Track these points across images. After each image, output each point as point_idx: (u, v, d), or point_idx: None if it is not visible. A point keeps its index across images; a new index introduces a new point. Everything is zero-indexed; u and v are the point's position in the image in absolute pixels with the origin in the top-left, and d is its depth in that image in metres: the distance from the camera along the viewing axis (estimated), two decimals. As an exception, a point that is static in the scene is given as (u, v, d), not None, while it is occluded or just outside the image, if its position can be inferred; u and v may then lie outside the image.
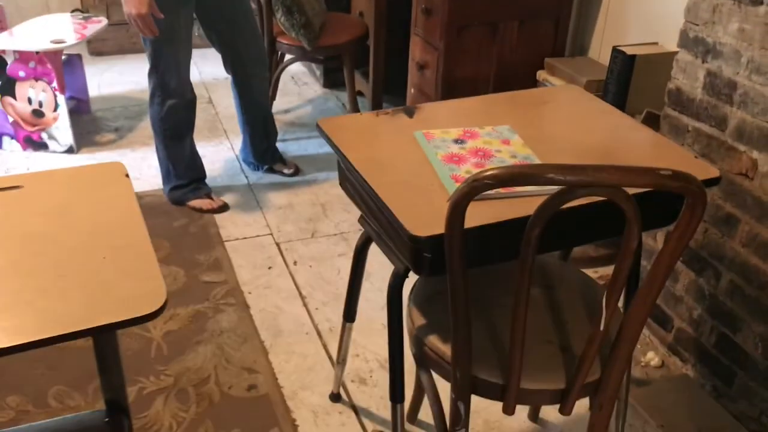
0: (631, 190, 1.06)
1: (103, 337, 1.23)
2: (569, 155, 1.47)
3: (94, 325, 1.03)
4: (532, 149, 1.47)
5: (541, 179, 1.03)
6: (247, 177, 2.99)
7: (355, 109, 3.36)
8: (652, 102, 2.34)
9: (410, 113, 1.62)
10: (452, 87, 2.81)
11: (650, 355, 2.12)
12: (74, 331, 1.02)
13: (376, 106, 3.51)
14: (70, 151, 3.11)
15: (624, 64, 2.42)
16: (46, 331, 1.01)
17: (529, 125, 1.58)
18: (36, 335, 1.00)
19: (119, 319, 1.04)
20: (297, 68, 3.97)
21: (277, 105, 3.48)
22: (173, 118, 2.59)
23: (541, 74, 2.79)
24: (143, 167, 2.99)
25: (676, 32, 1.95)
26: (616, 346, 1.25)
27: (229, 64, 2.75)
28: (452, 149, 1.45)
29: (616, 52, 2.43)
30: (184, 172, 2.71)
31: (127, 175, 1.35)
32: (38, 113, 3.06)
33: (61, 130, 3.08)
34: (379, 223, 1.40)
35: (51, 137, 3.10)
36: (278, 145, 3.02)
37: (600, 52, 2.83)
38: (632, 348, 1.28)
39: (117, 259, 1.14)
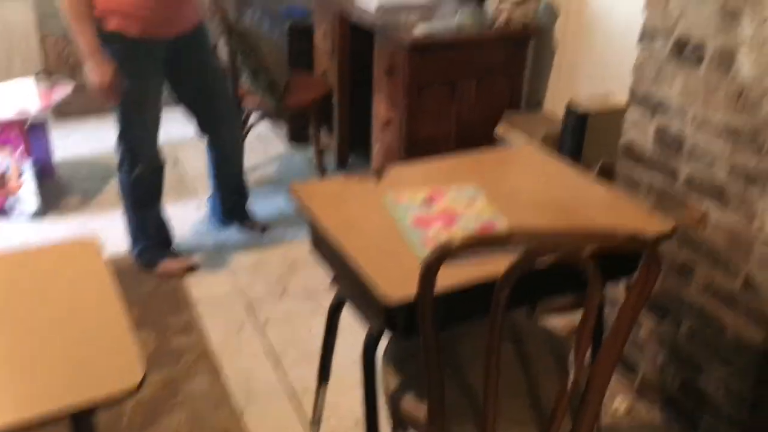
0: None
1: (81, 418, 1.23)
2: (532, 214, 1.54)
3: (73, 407, 1.03)
4: (497, 209, 1.54)
5: (507, 245, 1.09)
6: (215, 236, 3.00)
7: (321, 165, 3.42)
8: (606, 153, 2.44)
9: (379, 176, 1.68)
10: (415, 143, 2.90)
11: (618, 400, 2.17)
12: (52, 413, 1.02)
13: (341, 161, 3.58)
14: (36, 216, 3.10)
15: (577, 119, 2.53)
16: (24, 413, 1.01)
17: (493, 185, 1.65)
18: (13, 418, 1.00)
19: (97, 399, 1.05)
20: (262, 124, 4.03)
21: (244, 162, 3.51)
22: (142, 184, 2.61)
23: (500, 129, 2.89)
24: (110, 230, 2.98)
25: (626, 83, 2.05)
26: (586, 397, 1.30)
27: (203, 127, 2.78)
28: (420, 212, 1.51)
29: (569, 111, 2.53)
30: (152, 235, 2.72)
31: (100, 250, 1.37)
32: (2, 180, 3.05)
33: (27, 196, 3.07)
34: (352, 286, 1.44)
35: (16, 204, 3.09)
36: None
37: (554, 104, 2.95)
38: (601, 398, 1.33)
39: (93, 338, 1.16)
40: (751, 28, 1.67)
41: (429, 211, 1.51)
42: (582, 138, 2.55)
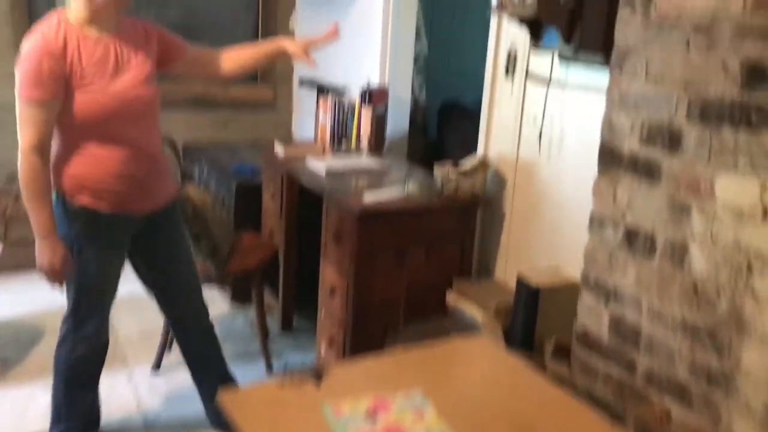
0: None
1: None
2: (484, 429, 1.41)
3: None
4: (446, 421, 1.40)
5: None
6: (145, 413, 2.76)
7: (264, 329, 3.25)
8: (560, 328, 2.36)
9: (318, 379, 1.54)
10: (363, 311, 2.78)
11: None
12: None
13: (285, 324, 3.43)
14: (-55, 389, 2.82)
15: (529, 294, 2.46)
16: None
17: (442, 388, 1.53)
18: None
19: None
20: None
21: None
22: (82, 365, 2.38)
23: (450, 297, 2.81)
24: (29, 407, 2.72)
25: (577, 255, 2.00)
26: None
27: (165, 311, 2.57)
28: (363, 428, 1.36)
29: (520, 283, 2.47)
30: (79, 416, 2.46)
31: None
32: None
33: (-62, 366, 2.81)
34: None
35: (-76, 374, 2.82)
36: (179, 373, 2.83)
37: (505, 273, 2.90)
38: None
39: None
40: (701, 224, 1.65)
41: (373, 428, 1.36)
42: (535, 312, 2.48)
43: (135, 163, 2.21)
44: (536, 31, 2.38)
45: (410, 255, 2.83)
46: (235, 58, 2.53)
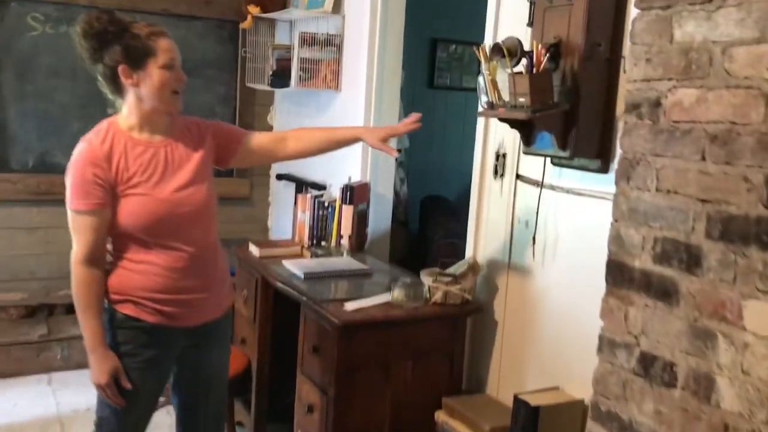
0: None
1: None
2: None
3: None
4: None
5: None
6: None
7: (235, 447, 2.97)
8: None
9: None
10: (344, 432, 2.53)
11: None
12: None
13: (258, 443, 3.14)
14: None
15: (528, 413, 2.24)
16: None
17: None
18: None
19: None
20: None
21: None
22: None
23: (439, 416, 2.57)
24: None
25: (577, 372, 1.80)
26: None
27: (180, 428, 2.33)
28: None
29: (518, 402, 2.26)
30: None
31: None
32: None
33: None
34: None
35: None
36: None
37: (498, 389, 2.67)
38: None
39: None
40: (729, 354, 1.46)
41: None
42: (534, 435, 2.26)
43: (184, 272, 2.04)
44: (528, 134, 2.26)
45: (395, 368, 2.60)
46: (303, 137, 2.35)
